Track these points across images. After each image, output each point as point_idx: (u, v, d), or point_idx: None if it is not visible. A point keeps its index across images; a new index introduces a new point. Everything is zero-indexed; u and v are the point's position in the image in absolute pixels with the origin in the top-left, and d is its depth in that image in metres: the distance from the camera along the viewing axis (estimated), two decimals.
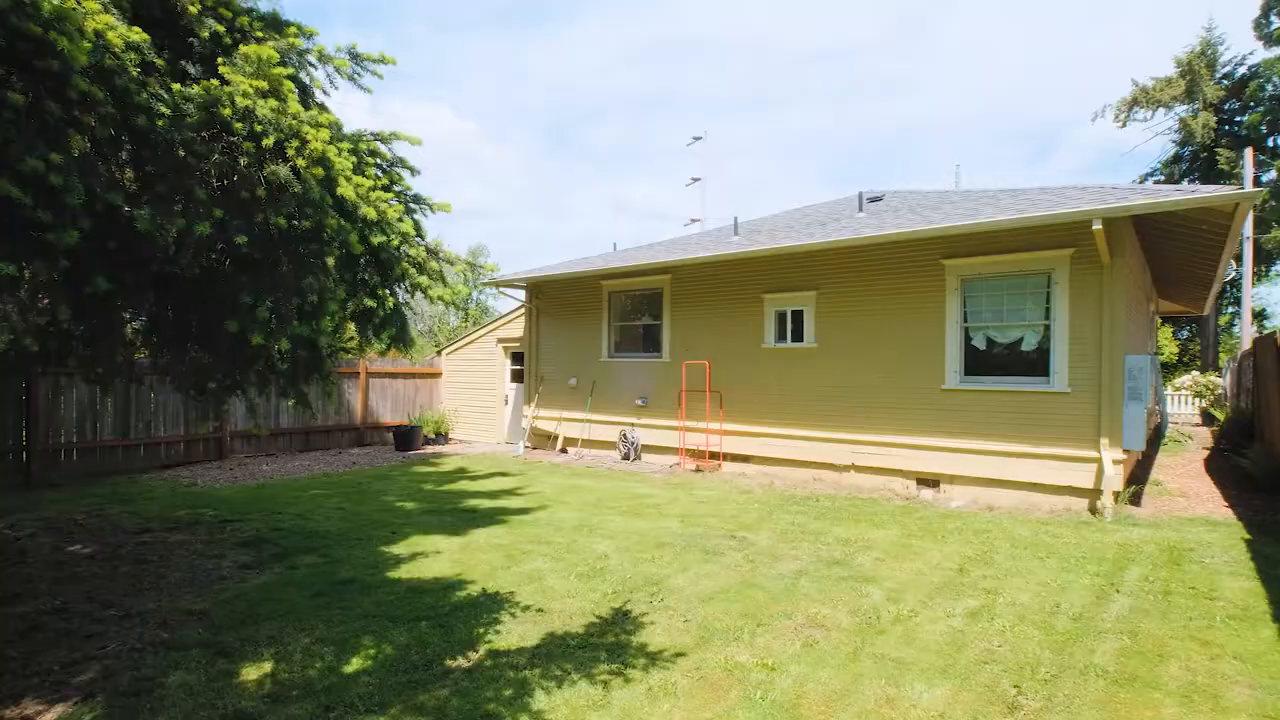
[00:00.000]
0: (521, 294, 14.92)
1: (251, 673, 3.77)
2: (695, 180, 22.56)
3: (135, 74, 3.28)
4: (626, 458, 12.48)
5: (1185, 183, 28.67)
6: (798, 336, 10.68)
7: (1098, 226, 7.50)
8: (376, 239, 4.03)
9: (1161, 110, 29.12)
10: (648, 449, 12.48)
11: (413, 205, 4.64)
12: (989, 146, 67.86)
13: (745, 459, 11.24)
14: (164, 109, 3.33)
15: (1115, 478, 7.80)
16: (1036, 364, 8.60)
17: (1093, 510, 7.99)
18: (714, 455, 11.49)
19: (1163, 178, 30.09)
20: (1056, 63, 56.20)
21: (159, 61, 3.53)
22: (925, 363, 9.33)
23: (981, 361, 9.03)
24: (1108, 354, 8.01)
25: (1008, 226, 8.24)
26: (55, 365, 9.40)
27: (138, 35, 3.33)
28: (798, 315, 10.69)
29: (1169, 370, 26.67)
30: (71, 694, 3.53)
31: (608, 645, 4.16)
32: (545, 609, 4.80)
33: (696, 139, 23.00)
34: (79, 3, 3.15)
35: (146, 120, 3.23)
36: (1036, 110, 61.25)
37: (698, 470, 11.22)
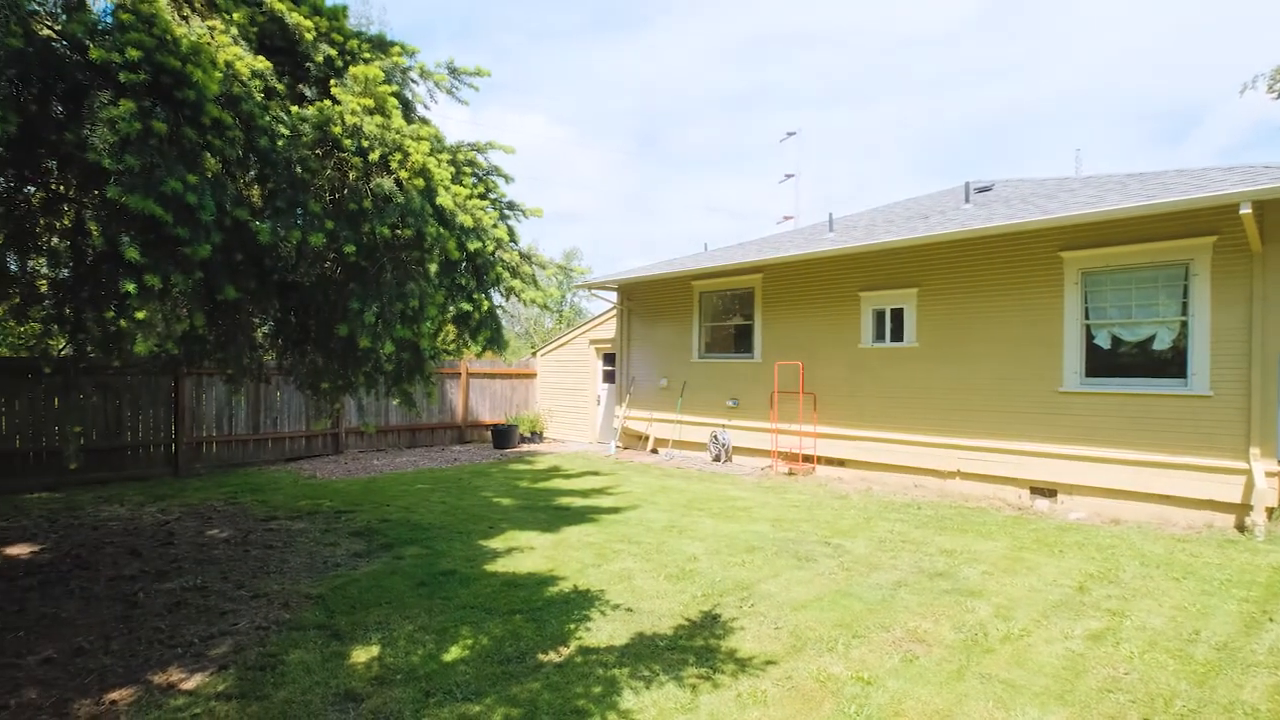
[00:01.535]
0: (613, 296, 15.12)
1: (360, 655, 4.01)
2: (788, 177, 22.08)
3: (259, 99, 3.57)
4: (717, 459, 12.38)
5: None
6: (897, 336, 10.22)
7: (1246, 210, 6.71)
8: (473, 245, 4.20)
9: None
10: (739, 451, 12.32)
11: (507, 211, 4.81)
12: (1113, 129, 62.20)
13: (840, 463, 10.87)
14: (284, 130, 3.61)
15: (1268, 492, 6.96)
16: (1171, 364, 7.81)
17: (1240, 528, 7.16)
18: (807, 458, 11.19)
19: None
20: (1193, 29, 50.75)
21: (279, 86, 3.83)
22: (1040, 363, 8.69)
23: (1105, 362, 8.30)
24: (1259, 353, 7.15)
25: (1138, 214, 7.53)
26: (196, 367, 10.44)
27: (262, 63, 3.62)
28: (897, 314, 10.23)
29: None
30: (208, 665, 3.88)
31: (696, 649, 4.13)
32: (634, 608, 4.83)
33: (790, 134, 22.48)
34: (212, 36, 3.47)
35: (268, 141, 3.51)
36: (1169, 86, 55.56)
37: (790, 474, 10.96)
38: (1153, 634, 4.38)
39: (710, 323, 13.30)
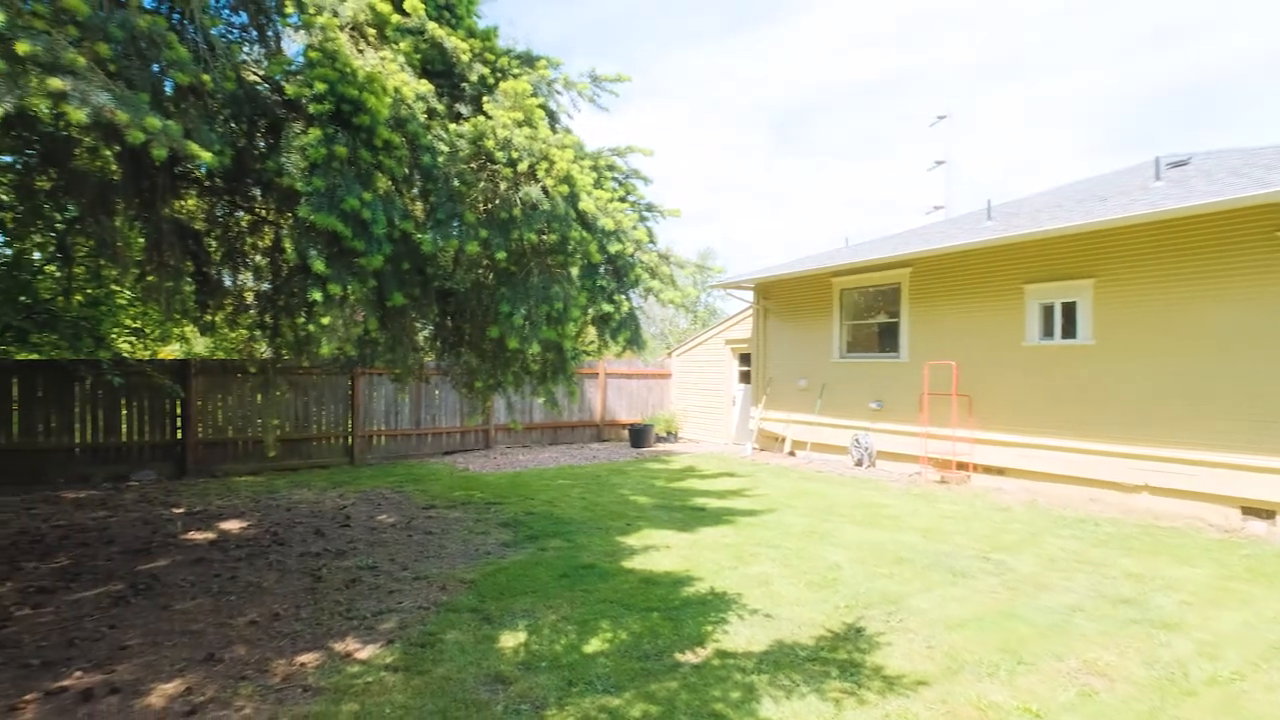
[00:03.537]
0: (749, 295, 14.92)
1: (509, 640, 4.23)
2: (939, 164, 20.64)
3: (422, 119, 3.88)
4: (859, 464, 11.82)
5: None
6: (1069, 332, 9.21)
7: None
8: (613, 247, 4.29)
9: None
10: (883, 455, 11.69)
11: (646, 213, 4.88)
12: None
13: (1000, 471, 9.98)
14: (443, 147, 3.90)
15: None
16: None
17: None
18: (961, 465, 10.39)
19: None
20: None
21: (439, 107, 4.14)
22: (1256, 362, 7.46)
23: None
24: None
25: None
26: (368, 368, 11.59)
27: (425, 86, 3.93)
28: (1068, 308, 9.23)
29: None
30: (378, 638, 4.28)
31: (839, 662, 3.95)
32: (773, 615, 4.71)
33: (940, 119, 21.02)
34: (383, 66, 3.81)
35: (430, 158, 3.80)
36: None
37: (942, 481, 10.23)
38: None
39: (852, 321, 12.74)
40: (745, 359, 15.42)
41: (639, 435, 14.97)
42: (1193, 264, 8.01)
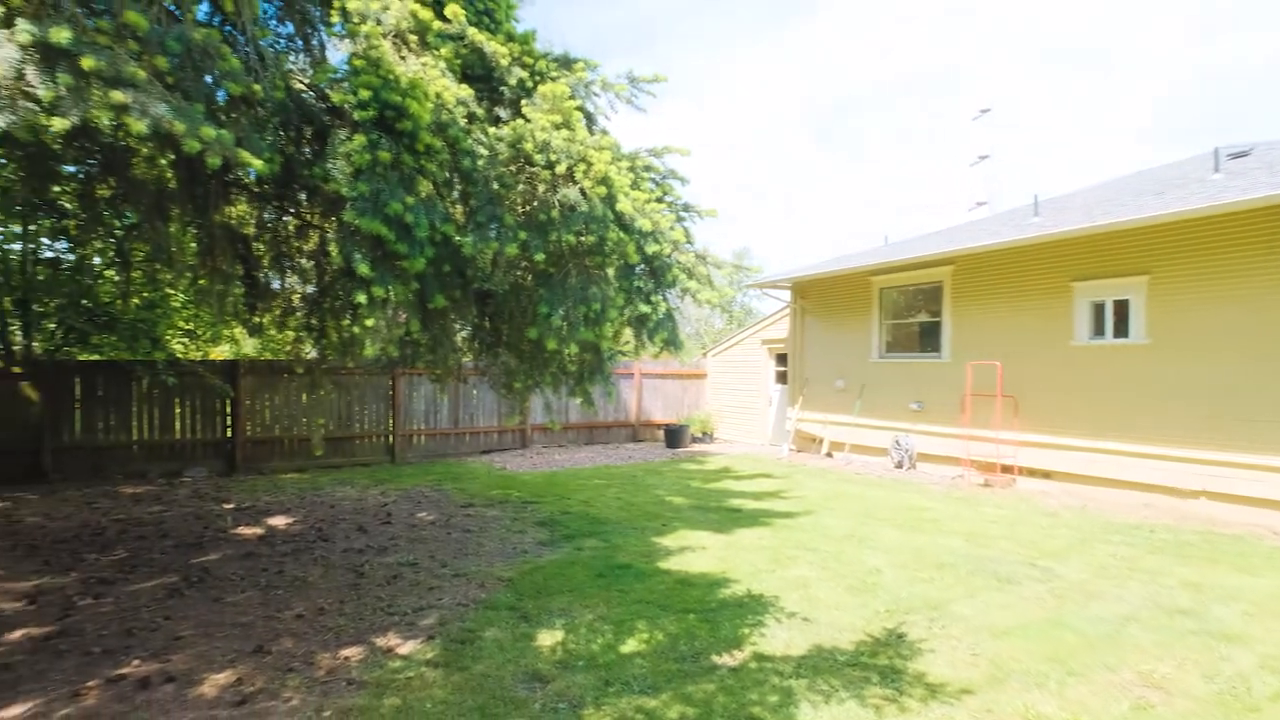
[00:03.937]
0: (786, 295, 14.78)
1: (546, 639, 4.26)
2: (982, 159, 20.12)
3: (463, 124, 3.93)
4: (899, 466, 11.60)
5: None
6: (1121, 331, 8.90)
7: None
8: (651, 248, 4.30)
9: None
10: (924, 458, 11.45)
11: (683, 213, 4.87)
12: None
13: (1046, 475, 9.69)
14: (483, 150, 3.95)
15: None
16: None
17: None
18: (1006, 468, 10.11)
19: None
20: None
21: (479, 111, 4.19)
22: None
23: None
24: None
25: None
26: (408, 368, 11.81)
27: (465, 91, 3.99)
28: (1120, 305, 8.91)
29: None
30: (419, 634, 4.35)
31: (880, 668, 3.89)
32: (811, 618, 4.65)
33: (983, 112, 20.50)
34: (424, 72, 3.88)
35: (470, 162, 3.86)
36: None
37: (986, 484, 9.97)
38: None
39: (891, 320, 12.51)
40: (782, 359, 15.27)
41: (674, 435, 14.94)
42: (1254, 259, 7.66)
